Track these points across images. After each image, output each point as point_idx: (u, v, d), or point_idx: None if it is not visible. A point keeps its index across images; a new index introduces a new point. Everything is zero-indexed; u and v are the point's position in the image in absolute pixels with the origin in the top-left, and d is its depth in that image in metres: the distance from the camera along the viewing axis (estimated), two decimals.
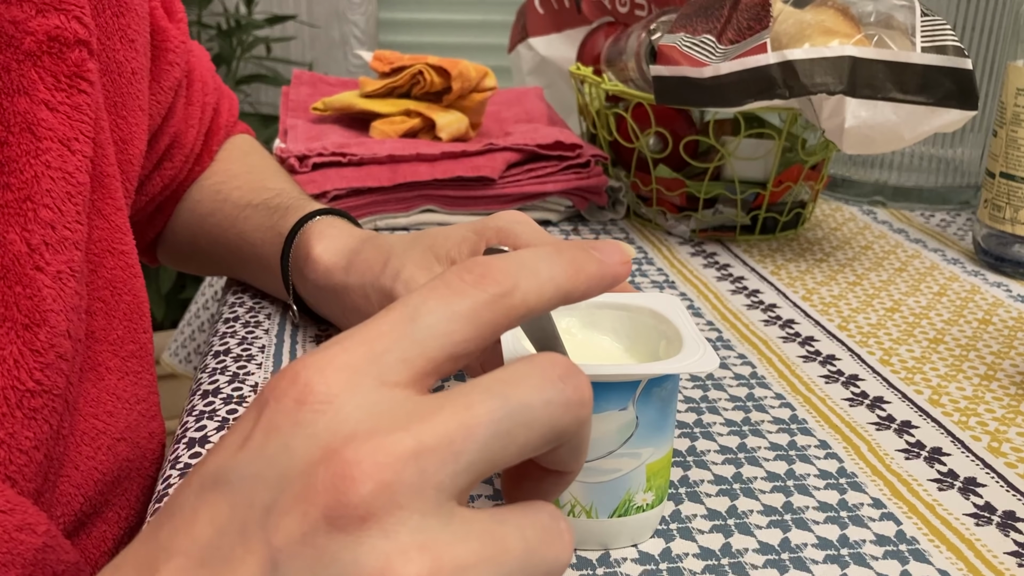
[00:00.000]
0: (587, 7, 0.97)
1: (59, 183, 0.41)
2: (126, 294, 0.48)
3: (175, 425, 0.49)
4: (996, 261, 0.74)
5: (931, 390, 0.55)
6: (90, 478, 0.45)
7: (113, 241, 0.47)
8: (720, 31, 0.71)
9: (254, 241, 0.59)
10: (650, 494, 0.40)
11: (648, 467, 0.39)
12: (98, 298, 0.46)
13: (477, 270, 0.25)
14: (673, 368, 0.37)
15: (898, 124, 0.65)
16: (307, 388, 0.23)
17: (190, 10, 1.88)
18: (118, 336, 0.48)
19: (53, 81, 0.41)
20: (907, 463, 0.47)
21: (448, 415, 0.23)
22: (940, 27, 0.66)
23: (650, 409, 0.38)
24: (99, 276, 0.46)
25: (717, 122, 0.79)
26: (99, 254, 0.46)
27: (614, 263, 0.28)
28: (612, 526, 0.40)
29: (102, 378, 0.47)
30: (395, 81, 0.85)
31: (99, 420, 0.46)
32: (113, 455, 0.46)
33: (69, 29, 0.41)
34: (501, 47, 2.01)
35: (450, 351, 0.25)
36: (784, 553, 0.40)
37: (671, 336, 0.41)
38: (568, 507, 0.39)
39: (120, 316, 0.48)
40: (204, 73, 0.65)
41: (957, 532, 0.42)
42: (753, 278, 0.71)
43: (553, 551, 0.24)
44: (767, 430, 0.50)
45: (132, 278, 0.49)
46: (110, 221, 0.47)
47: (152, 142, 0.59)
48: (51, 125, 0.41)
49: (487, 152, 0.78)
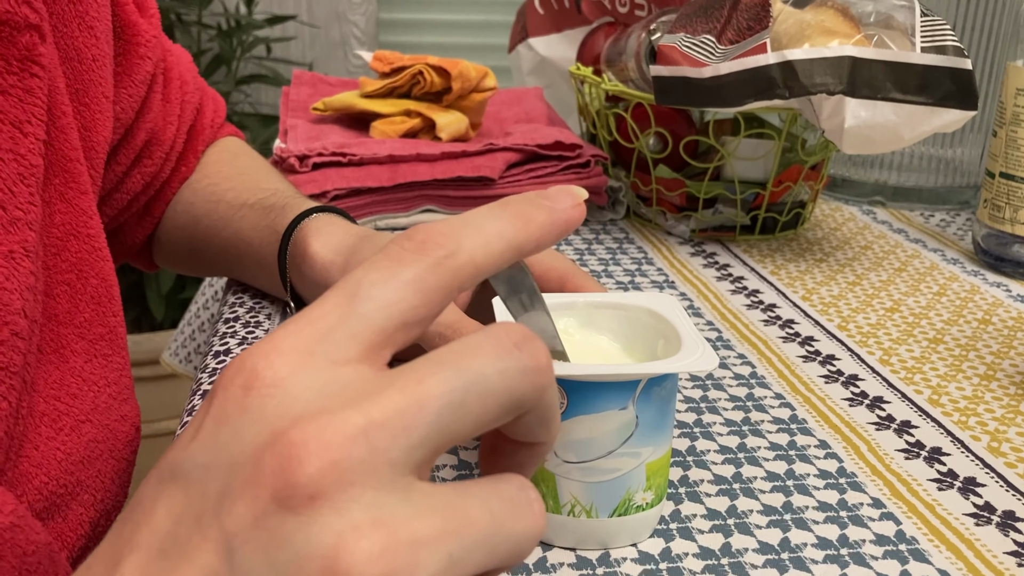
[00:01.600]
0: (587, 7, 0.97)
1: (10, 164, 0.41)
2: (92, 277, 0.48)
3: (175, 425, 0.49)
4: (996, 261, 0.74)
5: (931, 390, 0.55)
6: (52, 458, 0.45)
7: (77, 224, 0.47)
8: (720, 31, 0.71)
9: (250, 240, 0.60)
10: (650, 493, 0.40)
11: (648, 466, 0.39)
12: (62, 281, 0.47)
13: (418, 236, 0.25)
14: (672, 367, 0.37)
15: (898, 124, 0.65)
16: (253, 373, 0.23)
17: (190, 10, 1.88)
18: (85, 319, 0.48)
19: (4, 64, 0.41)
20: (907, 463, 0.47)
21: (398, 390, 0.23)
22: (940, 27, 0.66)
23: (650, 408, 0.38)
24: (62, 259, 0.47)
25: (717, 122, 0.79)
26: (62, 237, 0.47)
27: (564, 208, 0.28)
28: (612, 525, 0.40)
29: (66, 360, 0.47)
30: (395, 81, 0.85)
31: (60, 401, 0.46)
32: (77, 436, 0.47)
33: (19, 13, 0.42)
34: (501, 47, 2.01)
35: (399, 320, 0.24)
36: (784, 553, 0.40)
37: (669, 335, 0.41)
38: (568, 507, 0.39)
39: (87, 299, 0.48)
40: (183, 72, 0.65)
41: (957, 532, 0.42)
42: (753, 278, 0.71)
43: (522, 523, 0.23)
44: (767, 430, 0.50)
45: (99, 261, 0.49)
46: (73, 204, 0.47)
47: (128, 137, 0.59)
48: (2, 108, 0.41)
49: (487, 152, 0.78)
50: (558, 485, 0.39)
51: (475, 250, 0.26)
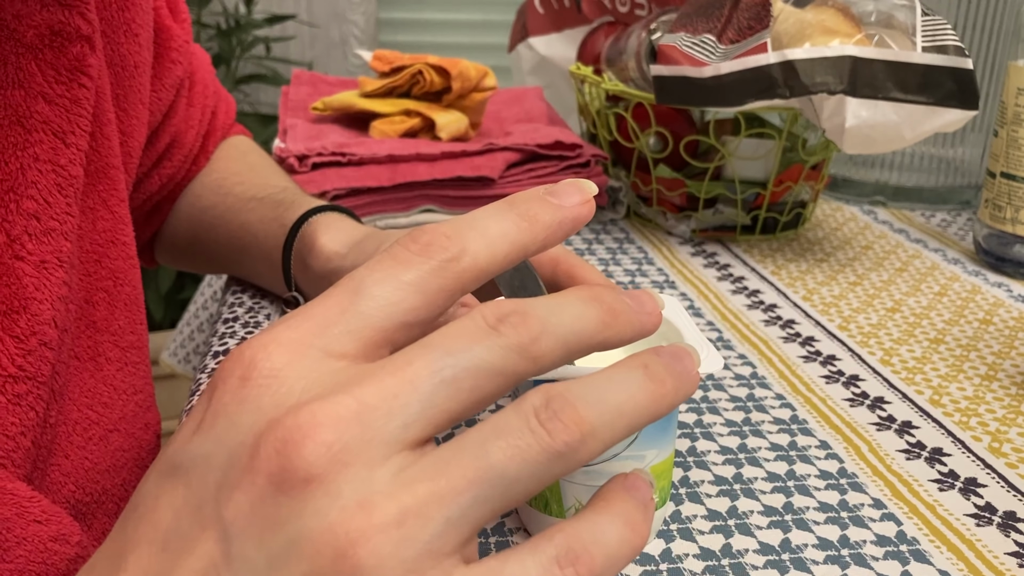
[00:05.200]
0: (587, 7, 0.97)
1: (47, 175, 0.41)
2: (126, 285, 0.48)
3: (174, 425, 0.49)
4: (997, 261, 0.74)
5: (932, 390, 0.55)
6: (80, 467, 0.45)
7: (116, 232, 0.48)
8: (720, 31, 0.71)
9: (256, 232, 0.60)
10: (654, 496, 0.40)
11: (652, 469, 0.39)
12: (101, 288, 0.47)
13: (423, 239, 0.25)
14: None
15: (899, 124, 0.65)
16: (251, 365, 0.23)
17: (190, 10, 1.88)
18: (119, 326, 0.48)
19: (54, 74, 0.42)
20: (908, 463, 0.47)
21: (388, 373, 0.23)
22: (941, 27, 0.66)
23: None
24: (103, 267, 0.47)
25: (717, 122, 0.79)
26: (103, 244, 0.47)
27: (573, 205, 0.27)
28: None
29: (100, 368, 0.47)
30: (395, 81, 0.85)
31: (93, 410, 0.46)
32: (105, 445, 0.47)
33: (72, 24, 0.42)
34: (501, 47, 2.01)
35: (400, 320, 0.25)
36: (784, 554, 0.40)
37: (672, 337, 0.41)
38: (572, 511, 0.39)
39: (121, 306, 0.48)
40: (205, 75, 0.66)
41: (958, 532, 0.42)
42: (753, 278, 0.71)
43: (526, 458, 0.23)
44: (767, 430, 0.50)
45: (132, 269, 0.49)
46: (114, 212, 0.47)
47: (152, 140, 0.59)
48: (46, 117, 0.41)
49: (487, 152, 0.78)
50: (562, 489, 0.39)
51: (479, 253, 0.25)
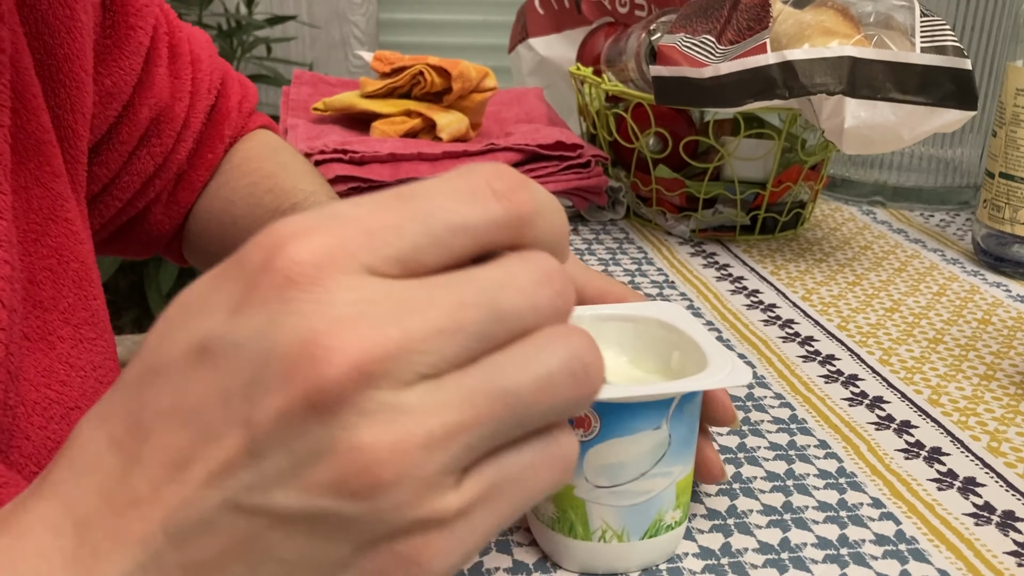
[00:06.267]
0: (587, 7, 0.97)
1: None
2: (73, 261, 0.47)
3: None
4: (995, 261, 0.74)
5: (931, 390, 0.55)
6: (43, 447, 0.44)
7: (55, 208, 0.46)
8: (720, 31, 0.71)
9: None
10: (678, 511, 0.39)
11: (677, 484, 0.38)
12: (44, 267, 0.46)
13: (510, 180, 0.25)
14: (709, 383, 0.36)
15: (897, 124, 0.65)
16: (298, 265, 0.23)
17: (190, 10, 1.88)
18: (68, 304, 0.47)
19: None
20: (906, 463, 0.47)
21: (439, 310, 0.23)
22: (940, 27, 0.66)
23: (681, 425, 0.37)
24: (43, 245, 0.46)
25: (717, 122, 0.79)
26: (41, 222, 0.46)
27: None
28: (643, 548, 0.39)
29: (53, 347, 0.46)
30: (395, 81, 0.85)
31: (51, 389, 0.45)
32: (68, 424, 0.46)
33: None
34: (501, 47, 2.01)
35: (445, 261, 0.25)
36: (784, 553, 0.40)
37: (684, 346, 0.40)
38: (599, 532, 0.38)
39: (69, 283, 0.47)
40: (196, 49, 0.63)
41: (956, 532, 0.42)
42: (753, 278, 0.71)
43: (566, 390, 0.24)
44: (767, 430, 0.50)
45: (77, 244, 0.48)
46: (49, 188, 0.46)
47: (128, 113, 0.57)
48: None
49: (488, 152, 0.78)
50: (588, 512, 0.38)
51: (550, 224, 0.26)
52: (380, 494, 0.23)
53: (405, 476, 0.23)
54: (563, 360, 0.24)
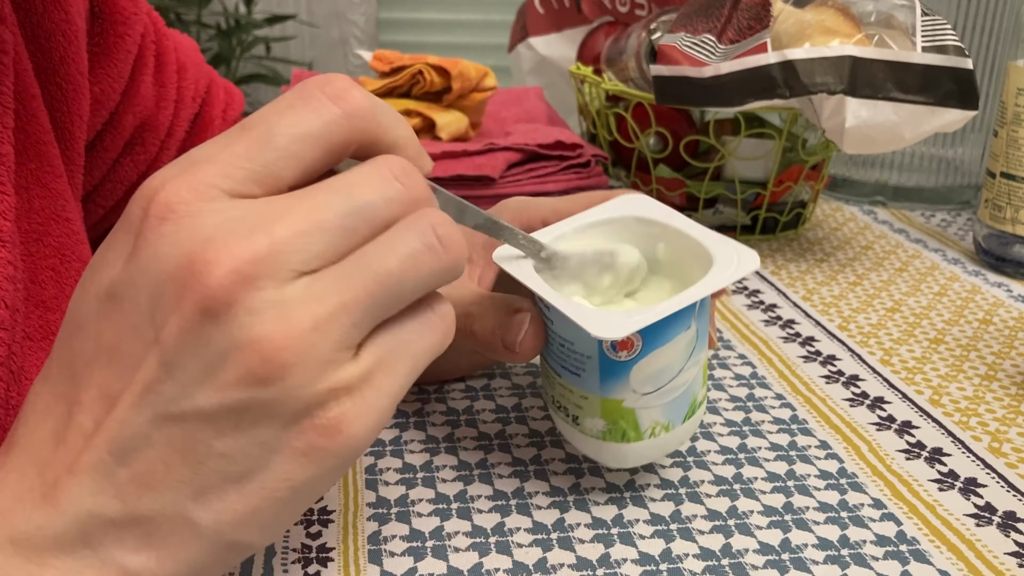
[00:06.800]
0: (587, 7, 0.97)
1: None
2: (75, 260, 0.48)
3: None
4: (997, 261, 0.74)
5: (932, 390, 0.55)
6: None
7: (56, 208, 0.47)
8: (720, 31, 0.71)
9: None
10: (704, 388, 0.43)
11: (703, 366, 0.42)
12: (47, 267, 0.46)
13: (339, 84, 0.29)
14: (730, 277, 0.39)
15: (898, 124, 0.65)
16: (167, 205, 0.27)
17: (189, 10, 1.88)
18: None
19: None
20: (908, 463, 0.47)
21: (299, 213, 0.27)
22: (940, 27, 0.66)
23: (703, 316, 0.41)
24: (46, 244, 0.46)
25: (717, 122, 0.79)
26: (43, 222, 0.46)
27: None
28: (686, 428, 0.42)
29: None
30: (395, 81, 0.85)
31: None
32: None
33: None
34: (501, 47, 2.01)
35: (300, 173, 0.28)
36: (784, 554, 0.40)
37: (668, 236, 0.43)
38: (648, 431, 0.41)
39: (70, 283, 0.47)
40: (183, 58, 0.63)
41: (958, 533, 0.42)
42: (753, 278, 0.71)
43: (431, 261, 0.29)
44: (767, 430, 0.50)
45: (79, 244, 0.48)
46: (50, 188, 0.47)
47: (114, 121, 0.57)
48: None
49: (488, 151, 0.78)
50: (638, 417, 0.40)
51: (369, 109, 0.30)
52: (287, 376, 0.26)
53: (304, 356, 0.26)
54: (421, 237, 0.29)
